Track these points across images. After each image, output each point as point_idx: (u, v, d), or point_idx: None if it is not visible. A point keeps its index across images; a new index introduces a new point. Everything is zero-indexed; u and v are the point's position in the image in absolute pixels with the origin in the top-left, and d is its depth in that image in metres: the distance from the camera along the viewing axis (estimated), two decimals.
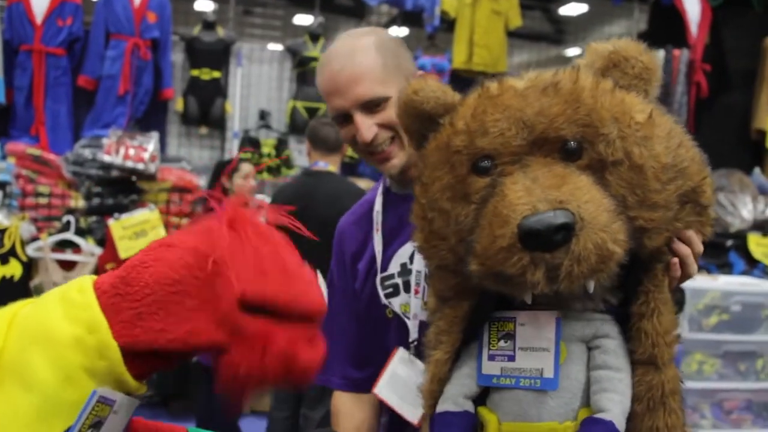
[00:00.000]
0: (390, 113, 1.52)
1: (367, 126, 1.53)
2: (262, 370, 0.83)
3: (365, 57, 1.54)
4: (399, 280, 1.62)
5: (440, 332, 1.18)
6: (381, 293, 1.65)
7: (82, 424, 0.82)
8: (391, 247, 1.65)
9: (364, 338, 1.72)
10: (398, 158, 1.57)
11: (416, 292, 1.58)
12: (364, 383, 1.68)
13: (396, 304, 1.62)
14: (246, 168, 4.53)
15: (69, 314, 0.83)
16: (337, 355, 1.73)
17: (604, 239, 0.96)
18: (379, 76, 1.53)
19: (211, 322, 0.83)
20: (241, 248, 0.86)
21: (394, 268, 1.63)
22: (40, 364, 0.81)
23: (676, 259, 1.10)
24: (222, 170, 4.61)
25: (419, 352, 1.54)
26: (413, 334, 1.59)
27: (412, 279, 1.60)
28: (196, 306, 0.83)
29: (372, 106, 1.53)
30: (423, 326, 1.56)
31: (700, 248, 1.13)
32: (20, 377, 0.81)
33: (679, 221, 1.08)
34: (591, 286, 1.01)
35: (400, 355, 1.61)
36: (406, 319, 1.61)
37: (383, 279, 1.64)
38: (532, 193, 0.99)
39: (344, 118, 1.57)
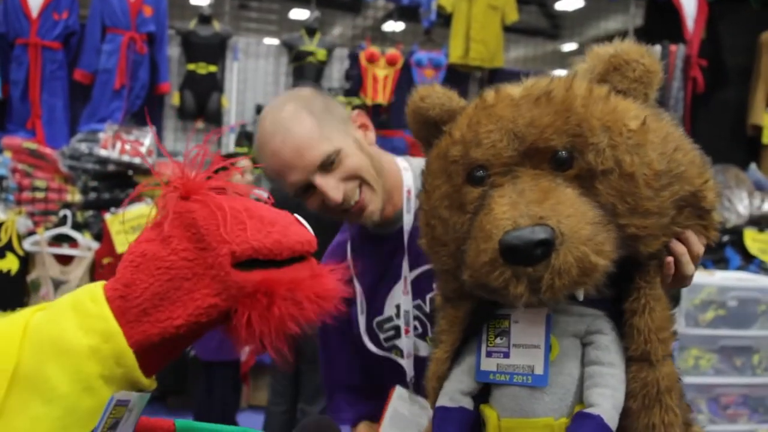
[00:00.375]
0: (347, 163, 1.49)
1: (332, 186, 1.47)
2: (272, 316, 0.84)
3: (300, 123, 1.48)
4: (399, 322, 1.60)
5: (441, 331, 1.19)
6: (380, 337, 1.62)
7: (101, 430, 0.83)
8: (380, 289, 1.62)
9: (370, 373, 1.69)
10: (373, 203, 1.52)
11: (406, 332, 1.57)
12: (377, 412, 1.65)
13: (403, 344, 1.60)
14: (243, 163, 4.53)
15: (83, 325, 0.84)
16: (344, 394, 1.72)
17: (586, 252, 0.97)
18: (320, 135, 1.48)
19: (211, 294, 0.84)
20: (211, 214, 0.86)
21: (390, 310, 1.61)
22: (59, 377, 0.82)
23: (670, 258, 1.09)
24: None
25: (418, 389, 1.53)
26: (409, 373, 1.58)
27: (402, 320, 1.58)
28: (193, 285, 0.84)
29: (327, 165, 1.47)
30: (418, 363, 1.56)
31: (699, 249, 1.11)
32: (39, 391, 0.82)
33: (678, 225, 1.08)
34: (580, 295, 1.02)
35: (398, 393, 1.59)
36: (399, 360, 1.60)
37: (381, 323, 1.62)
38: (516, 208, 1.00)
39: (305, 189, 1.51)
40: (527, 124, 1.06)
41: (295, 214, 0.94)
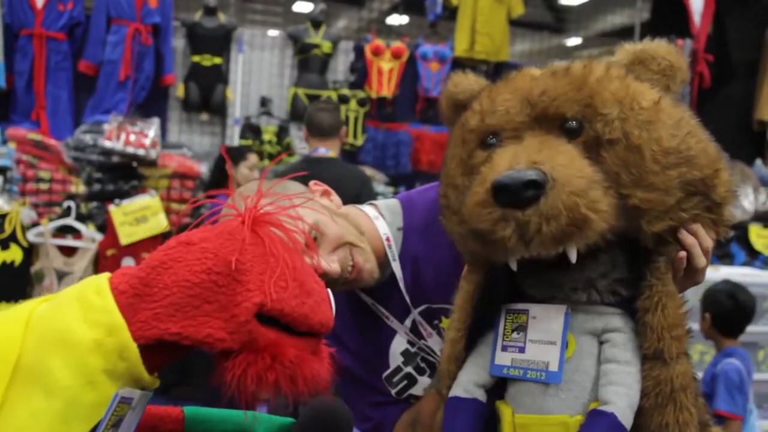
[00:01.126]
0: (329, 234, 1.39)
1: (325, 262, 1.36)
2: (266, 380, 0.84)
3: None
4: (409, 369, 1.56)
5: (455, 307, 1.20)
6: (392, 392, 1.57)
7: (104, 427, 0.83)
8: (380, 344, 1.57)
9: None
10: (369, 261, 1.44)
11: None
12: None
13: (418, 390, 1.56)
14: (252, 159, 4.53)
15: (88, 318, 0.83)
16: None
17: (576, 203, 0.97)
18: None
19: (226, 329, 0.83)
20: (263, 257, 0.86)
21: (395, 360, 1.56)
22: (62, 370, 0.81)
23: (683, 253, 1.08)
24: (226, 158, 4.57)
25: None
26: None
27: (411, 366, 1.55)
28: (213, 311, 0.83)
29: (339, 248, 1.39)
30: None
31: (708, 243, 1.10)
32: (41, 383, 0.81)
33: (685, 212, 1.07)
34: (573, 254, 1.01)
35: None
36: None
37: (389, 377, 1.58)
38: (515, 156, 1.02)
39: None
40: (541, 93, 1.09)
41: (328, 289, 0.94)
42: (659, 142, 1.03)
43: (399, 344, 1.56)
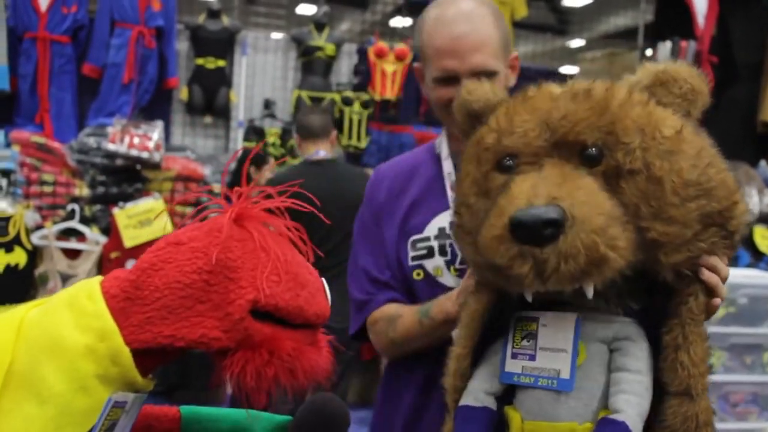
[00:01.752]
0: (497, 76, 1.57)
1: (470, 83, 1.54)
2: (265, 375, 0.83)
3: (488, 26, 1.58)
4: (435, 243, 1.65)
5: (461, 325, 1.19)
6: (409, 254, 1.67)
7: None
8: (425, 208, 1.68)
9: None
10: None
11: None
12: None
13: (429, 266, 1.65)
14: (272, 162, 4.56)
15: (80, 323, 0.82)
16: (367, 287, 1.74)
17: (595, 241, 0.95)
18: (496, 49, 1.58)
19: (220, 328, 0.82)
20: (254, 252, 0.85)
21: (430, 231, 1.66)
22: (54, 376, 0.80)
23: (717, 300, 1.09)
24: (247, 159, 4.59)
25: None
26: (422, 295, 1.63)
27: (436, 241, 1.64)
28: (206, 311, 0.82)
29: (482, 76, 1.51)
30: (433, 287, 1.63)
31: (727, 271, 1.11)
32: (34, 389, 0.80)
33: (703, 242, 1.06)
34: (590, 291, 1.01)
35: None
36: (416, 279, 1.66)
37: (415, 242, 1.67)
38: (534, 189, 1.00)
39: (448, 80, 1.58)
40: (561, 117, 1.06)
41: (322, 279, 0.92)
42: (680, 174, 1.02)
43: (442, 219, 1.65)
